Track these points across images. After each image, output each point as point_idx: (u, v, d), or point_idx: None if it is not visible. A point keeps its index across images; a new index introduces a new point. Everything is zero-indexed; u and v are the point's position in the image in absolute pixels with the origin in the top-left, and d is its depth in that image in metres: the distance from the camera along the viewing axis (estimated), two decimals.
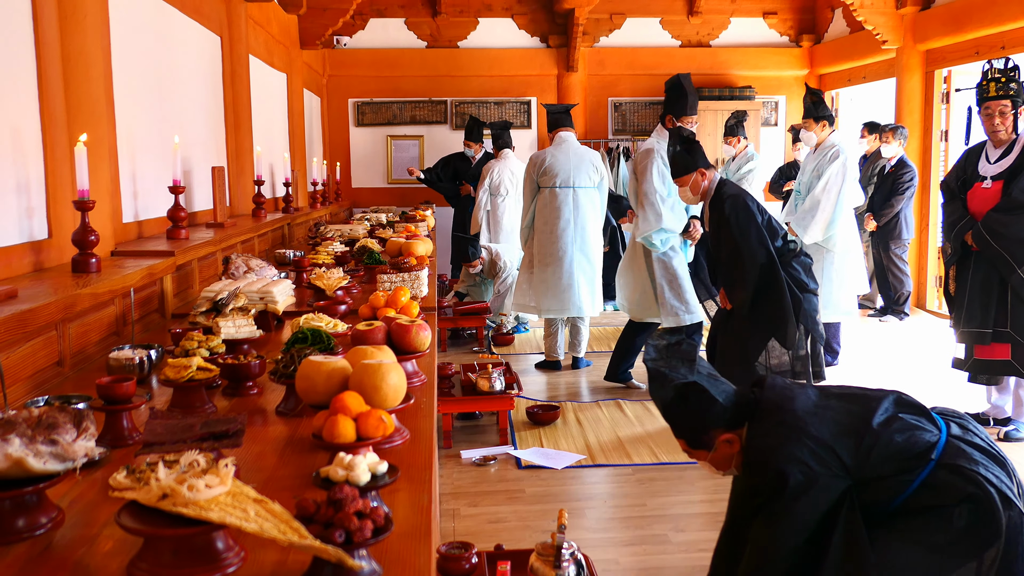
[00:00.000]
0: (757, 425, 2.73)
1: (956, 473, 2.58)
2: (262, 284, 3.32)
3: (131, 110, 4.12)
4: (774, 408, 2.75)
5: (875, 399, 2.77)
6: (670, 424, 2.87)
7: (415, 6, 11.18)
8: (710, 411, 2.76)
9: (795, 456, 2.59)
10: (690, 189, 5.34)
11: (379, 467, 1.62)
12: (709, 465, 2.84)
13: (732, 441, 2.76)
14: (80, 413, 1.60)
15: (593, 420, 5.72)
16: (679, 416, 2.82)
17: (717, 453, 2.78)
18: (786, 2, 11.55)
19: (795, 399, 2.77)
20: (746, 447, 2.73)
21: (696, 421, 2.78)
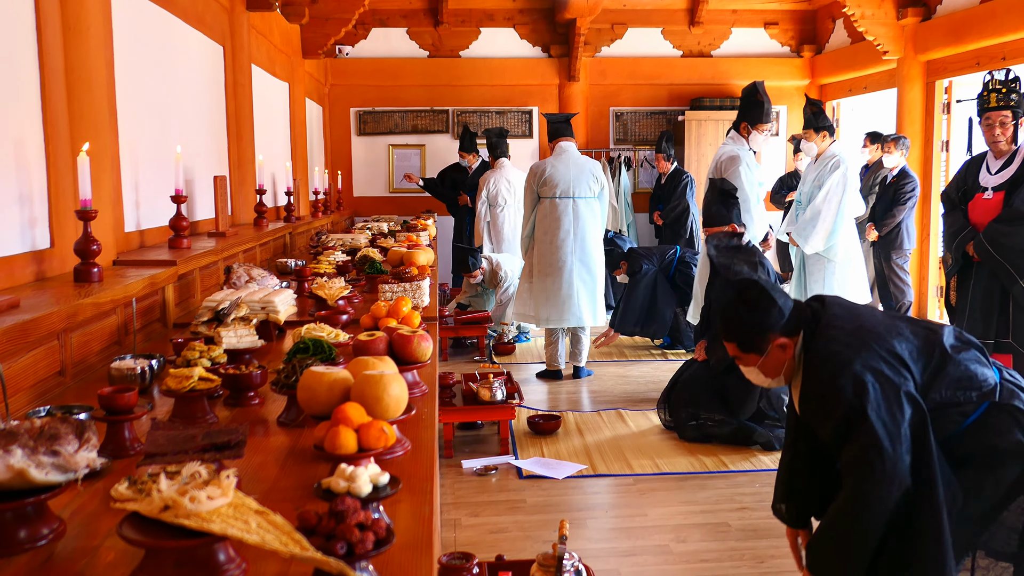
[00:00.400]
0: (825, 333, 2.72)
1: (1012, 415, 2.63)
2: (264, 294, 3.32)
3: (133, 120, 4.13)
4: (843, 318, 2.76)
5: (940, 326, 2.79)
6: (724, 324, 2.87)
7: (417, 16, 11.21)
8: (769, 312, 2.77)
9: (871, 365, 2.59)
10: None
11: (381, 478, 1.62)
12: (757, 371, 2.84)
13: (786, 346, 2.77)
14: (82, 424, 1.60)
15: (594, 430, 5.71)
16: (736, 315, 2.82)
17: (769, 357, 2.78)
18: (787, 13, 11.58)
19: (864, 314, 2.80)
20: (812, 354, 2.72)
21: (754, 320, 2.78)
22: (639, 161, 11.52)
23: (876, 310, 2.90)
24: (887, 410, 2.54)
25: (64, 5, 3.28)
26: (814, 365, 2.71)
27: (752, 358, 2.82)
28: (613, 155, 11.34)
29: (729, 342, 2.87)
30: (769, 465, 5.02)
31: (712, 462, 5.07)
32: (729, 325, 2.85)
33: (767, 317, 2.77)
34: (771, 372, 2.82)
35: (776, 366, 2.80)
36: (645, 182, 11.48)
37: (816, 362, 2.71)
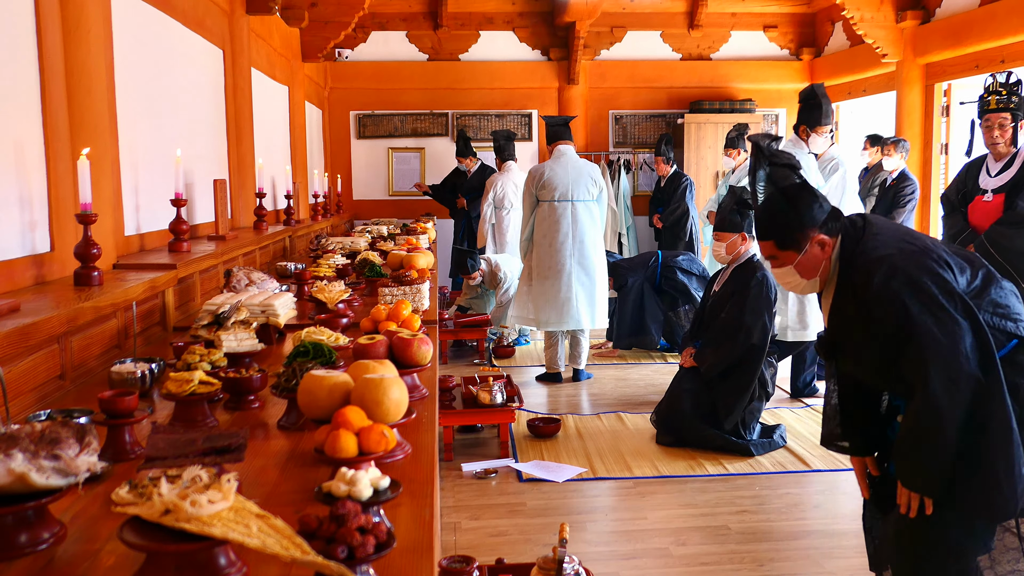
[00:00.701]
0: (872, 239, 2.74)
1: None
2: (264, 297, 3.32)
3: (133, 123, 4.13)
4: (890, 228, 2.79)
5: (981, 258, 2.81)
6: (764, 221, 2.88)
7: (416, 19, 11.22)
8: (809, 208, 2.79)
9: (925, 266, 2.61)
10: (727, 248, 5.54)
11: (381, 482, 1.62)
12: (793, 272, 2.84)
13: (825, 245, 2.78)
14: (83, 428, 1.60)
15: (594, 433, 5.71)
16: (778, 211, 2.83)
17: (807, 255, 2.79)
18: (786, 16, 11.59)
19: (909, 228, 2.86)
20: (858, 259, 2.72)
21: (795, 215, 2.79)
22: (638, 164, 11.52)
23: None
24: (947, 309, 2.55)
25: (64, 8, 3.28)
26: (861, 270, 2.71)
27: (789, 255, 2.82)
28: (612, 158, 11.34)
29: (766, 240, 2.87)
30: (769, 468, 5.02)
31: (712, 465, 5.07)
32: (769, 221, 2.86)
33: (807, 212, 2.79)
34: (808, 272, 2.82)
35: (814, 265, 2.81)
36: (644, 185, 11.48)
37: (864, 267, 2.70)
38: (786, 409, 6.23)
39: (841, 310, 2.82)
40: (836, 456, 5.20)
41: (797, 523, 4.31)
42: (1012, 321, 2.68)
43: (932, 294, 2.56)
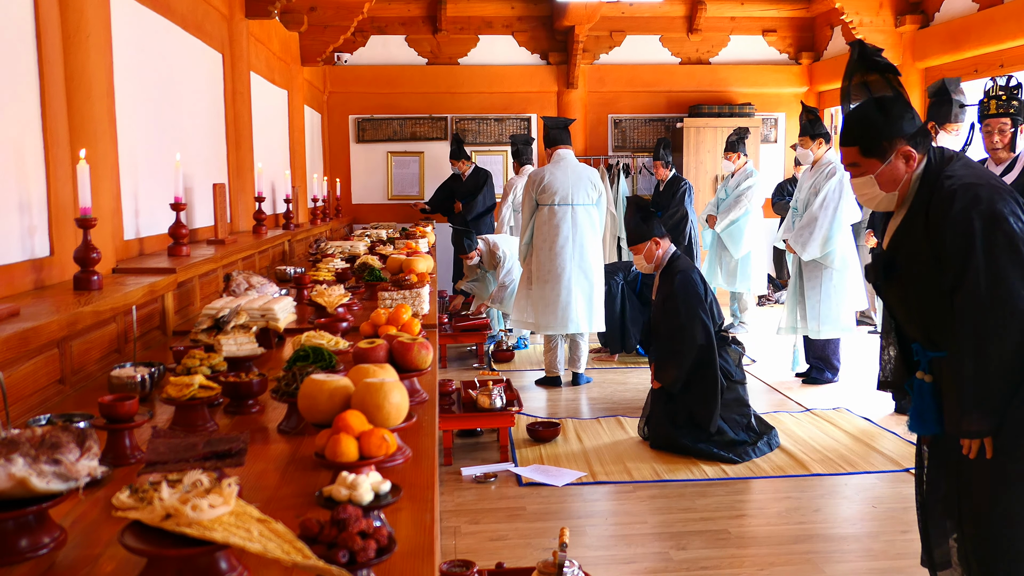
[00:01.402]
0: (958, 168, 2.71)
1: None
2: (263, 301, 3.32)
3: (133, 127, 4.13)
4: (977, 164, 2.77)
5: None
6: (852, 125, 2.82)
7: (416, 23, 11.23)
8: (902, 117, 2.74)
9: (1008, 205, 2.60)
10: (644, 257, 5.55)
11: (382, 486, 1.62)
12: (872, 181, 2.79)
13: (911, 158, 2.74)
14: (83, 432, 1.60)
15: (594, 437, 5.71)
16: (868, 116, 2.78)
17: (890, 166, 2.75)
18: (785, 20, 11.61)
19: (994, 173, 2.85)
20: (942, 184, 2.69)
21: (887, 122, 2.74)
22: (638, 168, 11.53)
23: None
24: (1020, 251, 2.55)
25: (64, 13, 3.28)
26: (945, 193, 2.67)
27: (873, 164, 2.77)
28: (612, 162, 11.34)
29: (851, 146, 2.81)
30: (768, 472, 5.02)
31: (711, 470, 5.06)
32: (856, 125, 2.80)
33: (898, 122, 2.74)
34: (888, 184, 2.78)
35: (895, 178, 2.76)
36: (644, 189, 11.48)
37: (949, 190, 2.66)
38: (785, 413, 6.23)
39: (909, 232, 2.78)
40: (836, 460, 5.20)
41: (797, 527, 4.31)
42: None
43: (1009, 232, 2.56)
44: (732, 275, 9.12)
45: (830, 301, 6.71)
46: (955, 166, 2.74)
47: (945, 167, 2.74)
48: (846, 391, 6.82)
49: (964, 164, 2.75)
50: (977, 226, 2.57)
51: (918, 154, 2.75)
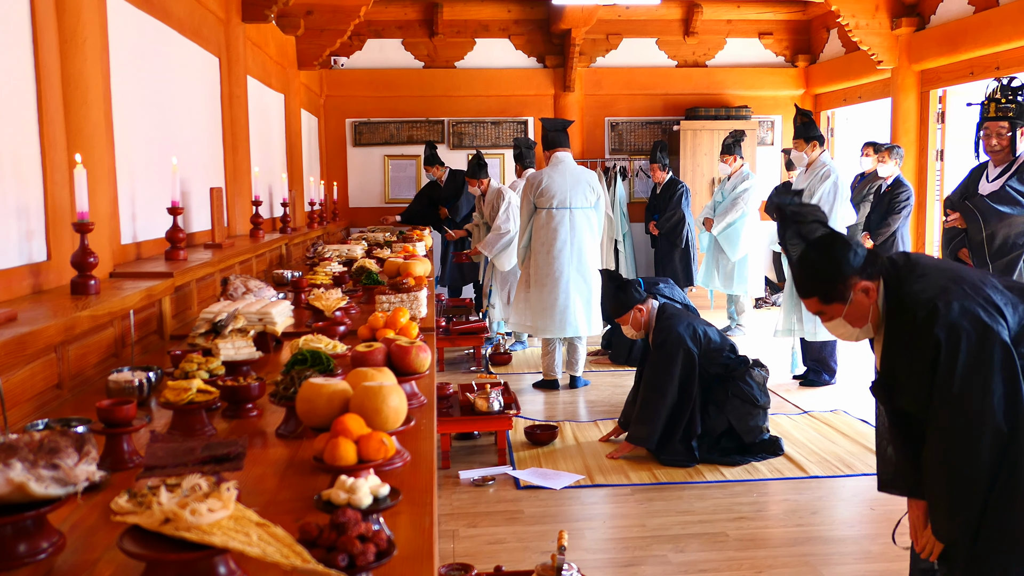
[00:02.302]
0: (912, 279, 2.70)
1: None
2: (261, 305, 3.32)
3: (130, 132, 4.13)
4: (931, 265, 2.75)
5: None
6: (802, 279, 2.83)
7: (412, 27, 11.24)
8: (845, 256, 2.73)
9: (966, 308, 2.57)
10: (631, 326, 5.56)
11: (381, 490, 1.62)
12: (843, 323, 2.79)
13: (870, 290, 2.74)
14: (82, 437, 1.60)
15: (591, 440, 5.71)
16: (815, 265, 2.78)
17: (853, 304, 2.75)
18: (781, 23, 11.63)
19: (953, 264, 2.81)
20: (902, 300, 2.69)
21: (834, 267, 2.74)
22: (635, 171, 11.54)
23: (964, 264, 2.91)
24: (980, 359, 2.54)
25: (60, 17, 3.28)
26: (904, 312, 2.68)
27: (836, 308, 2.78)
28: (608, 165, 11.36)
29: (810, 297, 2.83)
30: (766, 474, 5.02)
31: (710, 472, 5.06)
32: (807, 278, 2.81)
33: (845, 261, 2.74)
34: (858, 320, 2.78)
35: (862, 313, 2.76)
36: (641, 192, 11.50)
37: (911, 309, 2.67)
38: (783, 416, 6.23)
39: (892, 352, 2.79)
40: (834, 462, 5.20)
41: (795, 529, 4.31)
42: None
43: (972, 340, 2.55)
44: (729, 278, 9.12)
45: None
46: (912, 279, 2.73)
47: (903, 284, 2.74)
48: (843, 393, 6.82)
49: (920, 274, 2.74)
50: (941, 337, 2.58)
51: (875, 282, 2.76)
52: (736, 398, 5.21)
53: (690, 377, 5.22)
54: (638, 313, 5.52)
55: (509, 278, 8.13)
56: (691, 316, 5.57)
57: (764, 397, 5.28)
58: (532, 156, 8.45)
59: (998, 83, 5.02)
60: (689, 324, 5.37)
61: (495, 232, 8.00)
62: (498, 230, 7.99)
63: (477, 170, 8.26)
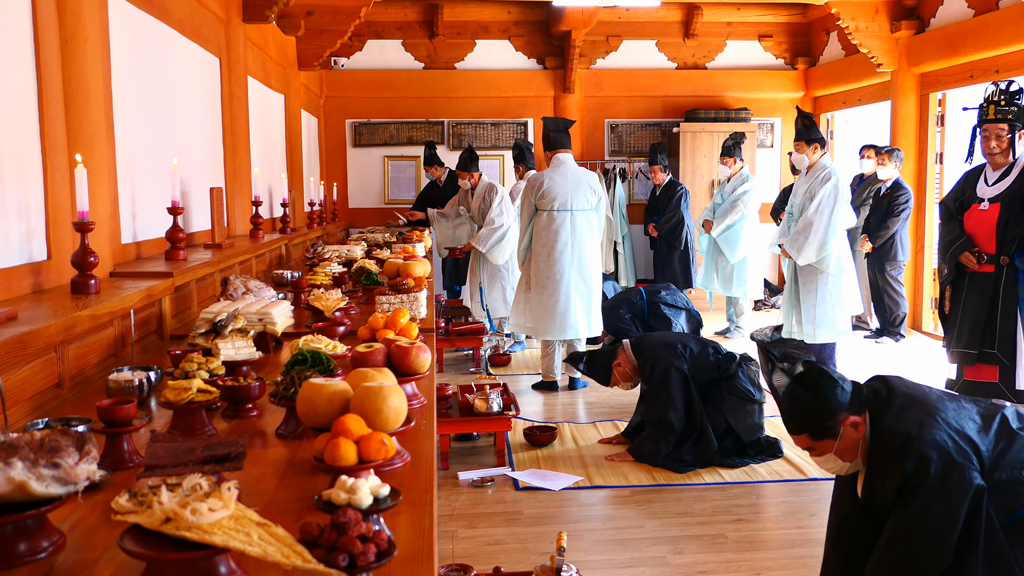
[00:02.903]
0: (891, 411, 2.72)
1: None
2: (261, 305, 3.32)
3: (130, 132, 4.13)
4: (909, 396, 2.76)
5: (1000, 405, 2.80)
6: (792, 418, 2.83)
7: (412, 28, 11.24)
8: (833, 393, 2.75)
9: (937, 442, 2.58)
10: (623, 381, 5.65)
11: (381, 490, 1.62)
12: (834, 458, 2.80)
13: (858, 424, 2.75)
14: (82, 436, 1.60)
15: (590, 441, 5.71)
16: (803, 403, 2.79)
17: (843, 439, 2.76)
18: (781, 25, 11.63)
19: (930, 392, 2.80)
20: (880, 432, 2.71)
21: (822, 404, 2.75)
22: (634, 172, 11.55)
23: (938, 390, 2.90)
24: (942, 493, 2.56)
25: (61, 17, 3.28)
26: (882, 444, 2.71)
27: (827, 444, 2.79)
28: (608, 167, 11.37)
29: (799, 434, 2.84)
30: (765, 476, 5.02)
31: (708, 475, 5.06)
32: (797, 416, 2.83)
33: (832, 398, 2.75)
34: (848, 454, 2.80)
35: (852, 447, 2.78)
36: (640, 193, 11.51)
37: (884, 441, 2.70)
38: None
39: (871, 480, 2.81)
40: None
41: (794, 532, 4.31)
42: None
43: (935, 476, 2.57)
44: (728, 280, 9.13)
45: (826, 305, 6.71)
46: (892, 411, 2.75)
47: (883, 416, 2.75)
48: None
49: (900, 405, 2.75)
50: (910, 469, 2.60)
51: (862, 416, 2.77)
52: (732, 396, 5.21)
53: (691, 397, 5.22)
54: (619, 369, 5.54)
55: (497, 274, 8.14)
56: (665, 334, 5.58)
57: (759, 392, 5.28)
58: (533, 157, 8.45)
59: (996, 86, 5.02)
60: (667, 344, 5.36)
61: (488, 226, 8.01)
62: (491, 224, 7.99)
63: (468, 163, 8.24)
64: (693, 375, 5.26)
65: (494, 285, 8.23)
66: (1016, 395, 4.96)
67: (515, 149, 8.47)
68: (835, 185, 6.66)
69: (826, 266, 6.69)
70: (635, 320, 7.83)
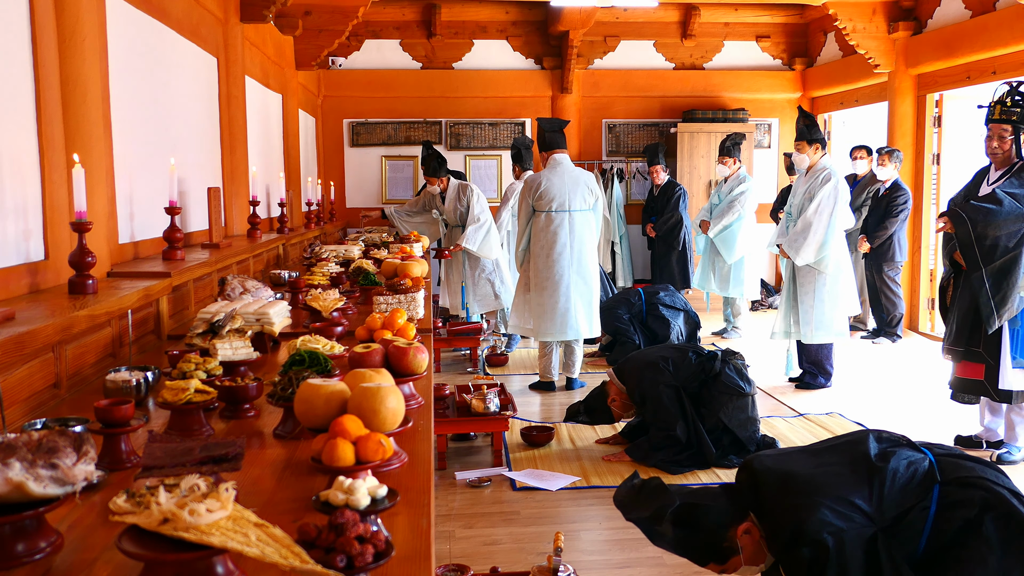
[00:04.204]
0: (769, 505, 2.72)
1: (963, 485, 2.62)
2: (258, 305, 3.32)
3: (128, 131, 4.13)
4: (776, 483, 2.74)
5: (859, 441, 2.80)
6: (692, 557, 2.83)
7: (410, 27, 11.24)
8: (713, 517, 2.75)
9: (822, 522, 2.58)
10: (621, 412, 5.60)
11: (379, 491, 1.62)
12: (748, 568, 2.80)
13: (750, 530, 2.75)
14: (80, 437, 1.60)
15: (587, 441, 5.71)
16: (692, 540, 2.79)
17: (745, 549, 2.76)
18: (779, 26, 11.64)
19: (792, 467, 2.77)
20: (770, 529, 2.71)
21: (708, 533, 2.76)
22: (631, 173, 11.56)
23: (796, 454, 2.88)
24: (847, 558, 2.56)
25: (59, 17, 3.28)
26: (776, 539, 2.70)
27: (735, 562, 2.80)
28: (606, 167, 11.38)
29: (707, 566, 2.85)
30: None
31: (705, 474, 5.07)
32: (694, 553, 2.84)
33: (713, 522, 2.77)
34: (757, 558, 2.80)
35: (756, 551, 2.79)
36: (637, 194, 11.52)
37: (777, 536, 2.70)
38: (778, 418, 6.24)
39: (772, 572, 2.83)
40: None
41: None
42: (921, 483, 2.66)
43: (833, 555, 2.57)
44: (725, 280, 9.13)
45: (823, 306, 6.73)
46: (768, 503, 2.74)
47: (764, 511, 2.75)
48: (839, 396, 6.83)
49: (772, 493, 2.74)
50: (807, 555, 2.60)
51: (747, 520, 2.77)
52: (723, 394, 5.21)
53: (685, 410, 5.21)
54: (615, 404, 5.51)
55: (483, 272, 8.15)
56: (644, 353, 5.55)
57: (748, 385, 5.28)
58: (531, 157, 8.45)
59: (1009, 86, 5.04)
60: (648, 364, 5.33)
61: (473, 224, 7.99)
62: (476, 221, 7.97)
63: (438, 168, 8.16)
64: (680, 384, 5.25)
65: (479, 283, 8.21)
66: (999, 394, 4.99)
67: (513, 149, 8.45)
68: (835, 186, 6.67)
69: (824, 267, 6.70)
70: (633, 321, 7.83)
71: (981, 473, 2.66)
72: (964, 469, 2.68)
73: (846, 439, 2.88)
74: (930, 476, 2.67)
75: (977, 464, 2.73)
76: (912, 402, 6.64)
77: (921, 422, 6.09)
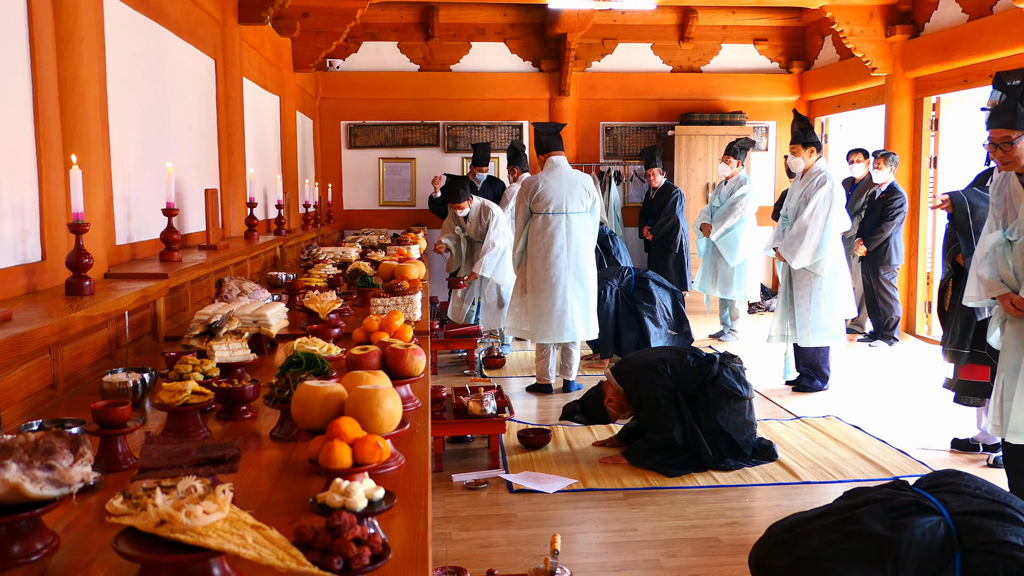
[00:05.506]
0: None
1: (988, 552, 2.56)
2: (255, 307, 3.32)
3: (125, 133, 4.13)
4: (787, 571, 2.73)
5: (864, 511, 2.76)
6: None
7: (408, 30, 11.24)
8: None
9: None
10: (618, 412, 5.61)
11: (375, 493, 1.62)
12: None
13: None
14: (77, 438, 1.60)
15: (584, 444, 5.71)
16: None
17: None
18: (776, 29, 11.65)
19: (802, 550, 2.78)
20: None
21: None
22: (629, 175, 11.56)
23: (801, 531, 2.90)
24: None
25: (57, 18, 3.28)
26: None
27: None
28: (603, 169, 11.38)
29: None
30: (758, 479, 5.03)
31: (702, 478, 5.07)
32: None
33: None
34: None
35: None
36: (634, 196, 11.52)
37: None
38: (775, 421, 6.24)
39: None
40: (826, 468, 5.21)
41: None
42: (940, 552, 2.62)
43: None
44: (727, 283, 9.13)
45: (820, 309, 6.74)
46: None
47: None
48: (836, 399, 6.84)
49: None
50: None
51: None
52: (720, 397, 5.21)
53: (682, 413, 5.21)
54: (611, 404, 5.52)
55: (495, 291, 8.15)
56: (643, 355, 5.55)
57: (746, 389, 5.28)
58: (527, 159, 8.46)
59: None
60: (646, 365, 5.34)
61: (488, 251, 7.98)
62: (492, 247, 7.97)
63: (464, 193, 8.09)
64: (678, 387, 5.25)
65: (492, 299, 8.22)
66: None
67: (510, 151, 8.45)
68: (830, 189, 6.68)
69: (820, 270, 6.71)
70: (621, 295, 7.81)
71: (1002, 535, 2.59)
72: (984, 532, 2.61)
73: (850, 507, 2.83)
74: (949, 543, 2.62)
75: (996, 522, 2.64)
76: (909, 405, 6.65)
77: (918, 425, 6.09)
